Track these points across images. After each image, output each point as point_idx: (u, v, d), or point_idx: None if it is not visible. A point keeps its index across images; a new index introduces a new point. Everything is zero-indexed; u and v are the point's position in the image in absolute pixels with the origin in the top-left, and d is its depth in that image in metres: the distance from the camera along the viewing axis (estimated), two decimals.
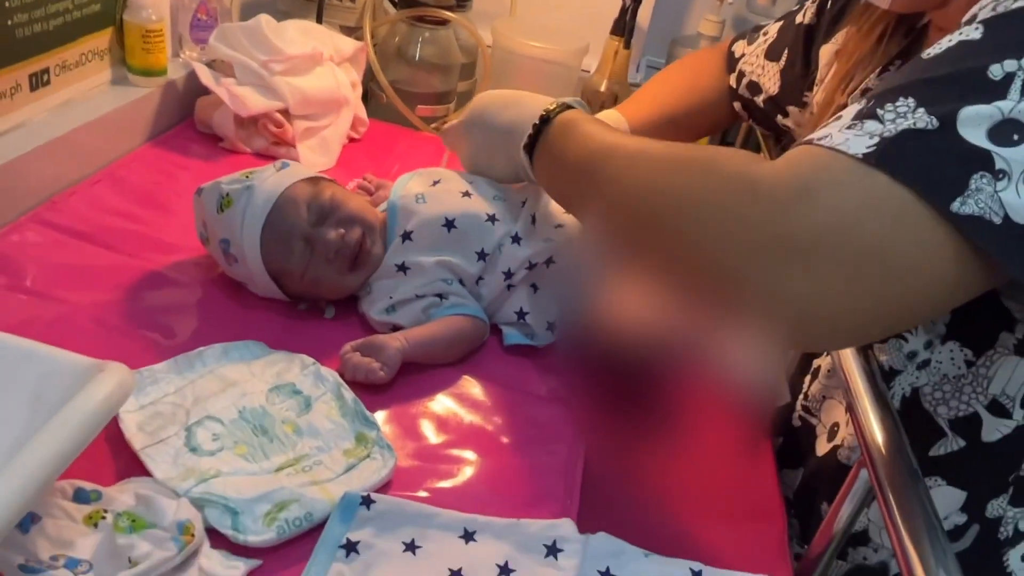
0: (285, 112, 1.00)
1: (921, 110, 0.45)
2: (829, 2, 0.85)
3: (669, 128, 0.96)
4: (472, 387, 0.72)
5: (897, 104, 0.47)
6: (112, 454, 0.57)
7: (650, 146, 0.57)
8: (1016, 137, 0.43)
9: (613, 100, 1.26)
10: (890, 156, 0.45)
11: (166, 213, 0.87)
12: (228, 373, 0.63)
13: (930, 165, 0.44)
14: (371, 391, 0.67)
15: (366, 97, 1.17)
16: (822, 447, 0.73)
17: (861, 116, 0.48)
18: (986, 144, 0.43)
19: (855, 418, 0.59)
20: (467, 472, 0.63)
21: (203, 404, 0.60)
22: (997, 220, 0.43)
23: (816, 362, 0.76)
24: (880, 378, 0.63)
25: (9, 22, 0.78)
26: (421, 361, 0.71)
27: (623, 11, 1.26)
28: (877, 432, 0.56)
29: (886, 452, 0.55)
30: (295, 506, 0.53)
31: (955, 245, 0.44)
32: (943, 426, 0.63)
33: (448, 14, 1.16)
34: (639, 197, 0.55)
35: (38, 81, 0.84)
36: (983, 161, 0.43)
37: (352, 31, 1.20)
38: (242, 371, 0.64)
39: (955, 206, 0.43)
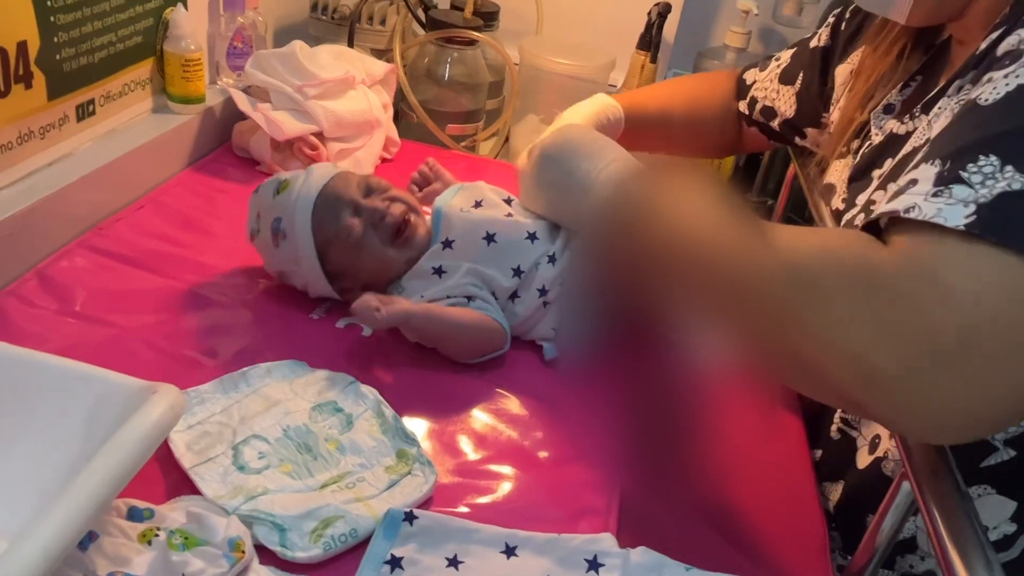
0: (320, 135, 1.02)
1: (1010, 169, 0.45)
2: (843, 23, 0.86)
3: (661, 128, 0.97)
4: (509, 403, 0.73)
5: (981, 164, 0.46)
6: (162, 473, 0.59)
7: (750, 241, 0.53)
8: None
9: None
10: (996, 226, 0.44)
11: (207, 236, 0.90)
12: (272, 392, 0.65)
13: None
14: (409, 408, 0.68)
15: (397, 118, 1.19)
16: (863, 460, 0.72)
17: (944, 181, 0.47)
18: None
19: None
20: (506, 488, 0.64)
21: (249, 423, 0.61)
22: None
23: None
24: None
25: (58, 56, 0.81)
26: (428, 340, 0.74)
27: (648, 26, 1.27)
28: (919, 443, 0.56)
29: (928, 463, 0.54)
30: (340, 523, 0.54)
31: None
32: (995, 443, 0.62)
33: (476, 34, 1.18)
34: (746, 299, 0.52)
35: (84, 112, 0.87)
36: None
37: (382, 54, 1.22)
38: (285, 390, 0.66)
39: None
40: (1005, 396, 0.44)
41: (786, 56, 0.94)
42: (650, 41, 1.27)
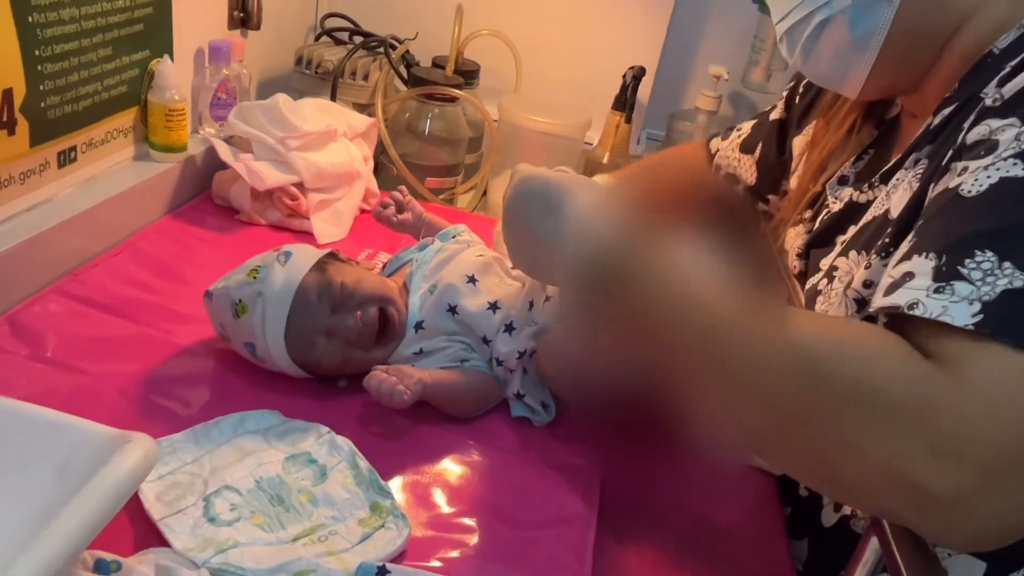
0: (300, 185, 1.04)
1: (1009, 266, 0.46)
2: (797, 97, 0.89)
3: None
4: (484, 456, 0.73)
5: (979, 260, 0.47)
6: (130, 523, 0.58)
7: (764, 330, 0.50)
8: None
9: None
10: (1006, 327, 0.45)
11: (183, 284, 0.90)
12: (245, 443, 0.65)
13: None
14: (384, 459, 0.68)
15: (378, 170, 1.21)
16: (829, 517, 0.73)
17: (944, 277, 0.48)
18: None
19: None
20: (479, 542, 0.63)
21: (221, 474, 0.61)
22: None
23: None
24: None
25: (42, 104, 0.82)
26: (438, 402, 0.74)
27: (624, 88, 1.31)
28: None
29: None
30: None
31: None
32: None
33: (456, 91, 1.21)
34: (774, 403, 0.49)
35: (65, 158, 0.88)
36: None
37: (364, 108, 1.25)
38: (258, 441, 0.65)
39: None
40: None
41: (747, 127, 0.98)
42: (625, 102, 1.31)
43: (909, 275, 0.50)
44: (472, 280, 0.79)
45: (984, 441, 0.43)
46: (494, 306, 0.78)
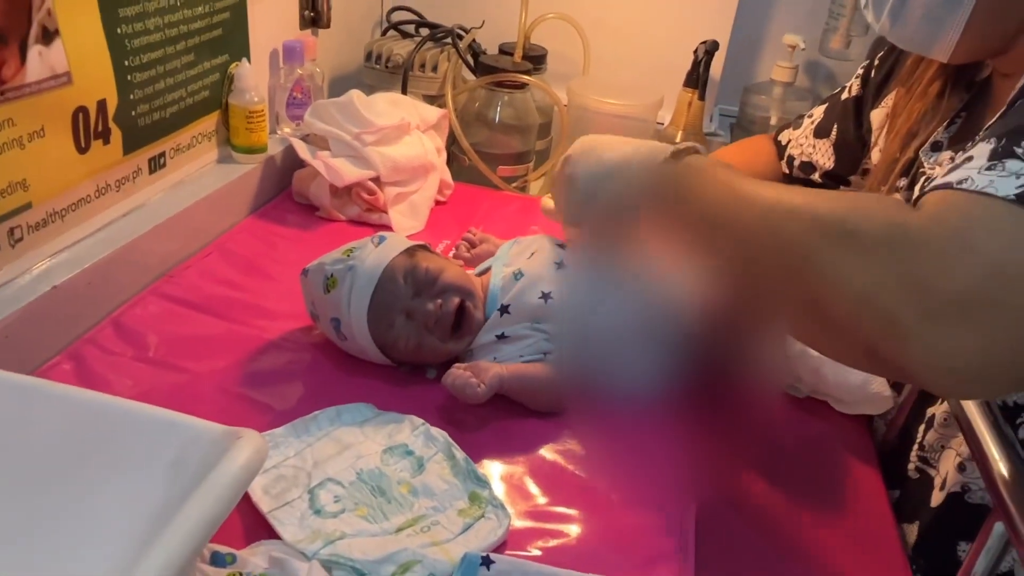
0: (377, 180, 1.05)
1: None
2: (872, 71, 0.89)
3: None
4: (577, 444, 0.72)
5: None
6: (239, 517, 0.60)
7: (788, 197, 0.55)
8: None
9: None
10: None
11: (270, 281, 0.92)
12: (343, 436, 0.66)
13: None
14: (478, 450, 0.68)
15: (450, 161, 1.21)
16: (936, 499, 0.70)
17: (998, 156, 0.48)
18: None
19: (983, 467, 0.57)
20: (578, 531, 0.63)
21: (323, 467, 0.62)
22: None
23: (930, 410, 0.73)
24: (1003, 421, 0.60)
25: (133, 112, 0.84)
26: (516, 396, 0.74)
27: (695, 64, 1.28)
28: (1008, 481, 0.54)
29: (1021, 502, 0.52)
30: (418, 567, 0.54)
31: None
32: None
33: (525, 78, 1.20)
34: (782, 252, 0.53)
35: (156, 164, 0.91)
36: None
37: (435, 99, 1.25)
38: (355, 433, 0.66)
39: None
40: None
41: (818, 112, 0.96)
42: (697, 79, 1.28)
43: (968, 159, 0.50)
44: (560, 265, 0.79)
45: (955, 274, 0.45)
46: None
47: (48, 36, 0.71)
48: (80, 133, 0.77)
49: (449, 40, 1.28)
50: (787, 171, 0.99)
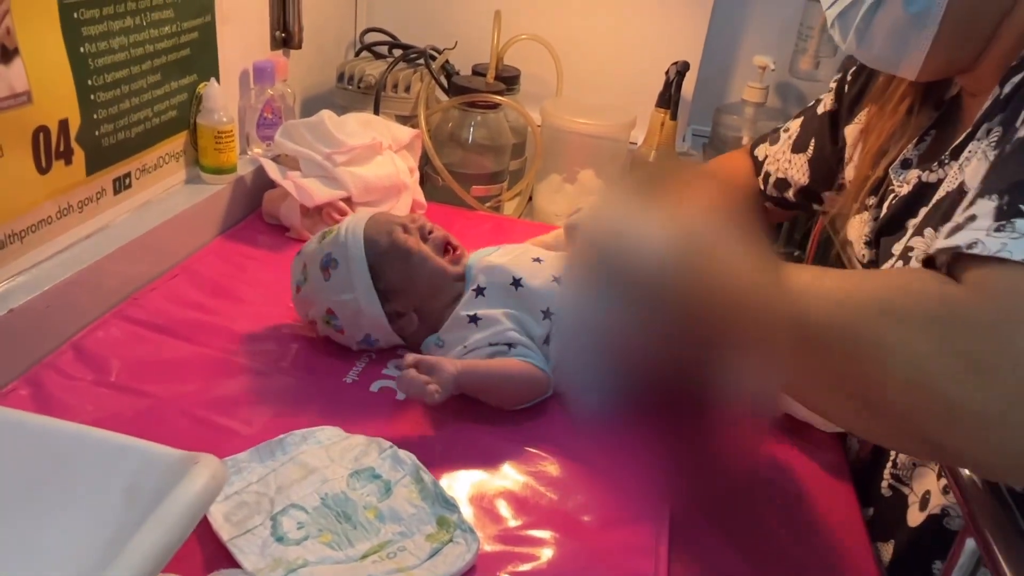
0: (348, 200, 1.04)
1: None
2: (846, 86, 0.88)
3: None
4: (548, 464, 0.71)
5: None
6: (199, 545, 0.58)
7: (819, 283, 0.51)
8: None
9: None
10: None
11: (239, 303, 0.90)
12: (308, 459, 0.64)
13: None
14: (447, 471, 0.67)
15: (423, 181, 1.21)
16: (914, 517, 0.70)
17: (1005, 215, 0.47)
18: None
19: (954, 483, 0.57)
20: (551, 554, 0.62)
21: (286, 492, 0.60)
22: None
23: None
24: None
25: (97, 132, 0.83)
26: (474, 393, 0.74)
27: (667, 84, 1.29)
28: (979, 497, 0.54)
29: (994, 518, 0.52)
30: None
31: None
32: None
33: (498, 98, 1.20)
34: (824, 343, 0.49)
35: (121, 185, 0.89)
36: None
37: (408, 120, 1.25)
38: (321, 457, 0.65)
39: None
40: None
41: (795, 126, 0.95)
42: (669, 99, 1.29)
43: (972, 218, 0.49)
44: (537, 260, 0.81)
45: (1013, 353, 0.42)
46: (558, 280, 0.79)
47: (7, 55, 0.70)
48: (41, 153, 0.76)
49: (422, 61, 1.28)
50: (762, 187, 0.99)
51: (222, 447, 0.66)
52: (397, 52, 1.34)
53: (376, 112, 1.23)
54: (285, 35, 1.19)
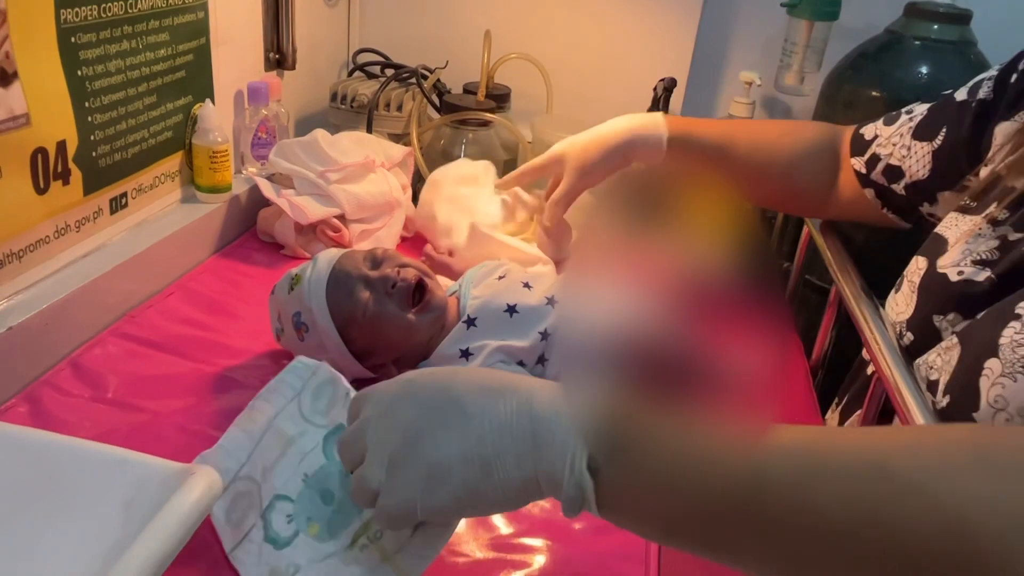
0: (342, 217, 1.05)
1: None
2: (1014, 75, 0.73)
3: (719, 160, 0.87)
4: None
5: None
6: (199, 554, 0.59)
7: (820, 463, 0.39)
8: None
9: None
10: None
11: (233, 319, 0.91)
12: (285, 426, 0.62)
13: None
14: None
15: (415, 198, 1.22)
16: None
17: None
18: None
19: None
20: (543, 561, 0.63)
21: (270, 477, 0.60)
22: None
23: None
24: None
25: (94, 154, 0.85)
26: None
27: (655, 100, 1.31)
28: None
29: None
30: None
31: None
32: None
33: (489, 116, 1.22)
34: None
35: (117, 204, 0.91)
36: None
37: (400, 138, 1.27)
38: (296, 421, 0.63)
39: None
40: None
41: (922, 109, 0.82)
42: None
43: None
44: (527, 285, 0.81)
45: None
46: (551, 300, 0.79)
47: (7, 78, 0.71)
48: (39, 174, 0.77)
49: (414, 80, 1.30)
50: (863, 171, 0.84)
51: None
52: (389, 72, 1.36)
53: (369, 131, 1.25)
54: (279, 56, 1.21)
